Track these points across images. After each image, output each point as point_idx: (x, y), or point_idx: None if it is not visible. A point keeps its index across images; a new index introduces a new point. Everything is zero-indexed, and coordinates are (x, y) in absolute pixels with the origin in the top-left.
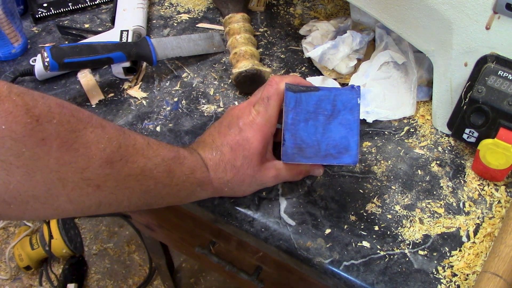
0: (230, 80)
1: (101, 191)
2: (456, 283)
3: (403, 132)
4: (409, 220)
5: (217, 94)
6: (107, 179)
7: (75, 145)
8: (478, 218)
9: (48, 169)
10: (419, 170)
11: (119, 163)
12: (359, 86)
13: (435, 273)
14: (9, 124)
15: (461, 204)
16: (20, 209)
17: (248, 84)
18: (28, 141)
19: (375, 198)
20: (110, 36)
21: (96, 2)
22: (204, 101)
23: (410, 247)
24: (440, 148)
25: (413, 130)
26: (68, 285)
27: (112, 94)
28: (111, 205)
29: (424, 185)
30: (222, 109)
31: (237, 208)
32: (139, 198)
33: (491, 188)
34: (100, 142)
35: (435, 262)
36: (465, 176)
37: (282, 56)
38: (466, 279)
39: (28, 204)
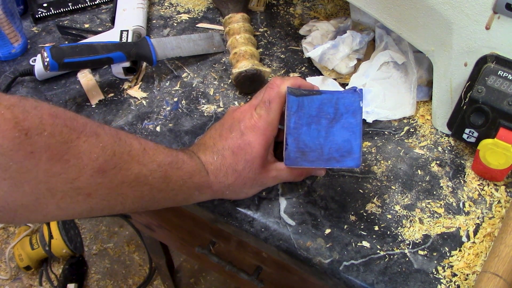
0: (230, 80)
1: (92, 198)
2: (456, 283)
3: (403, 132)
4: (409, 220)
5: (217, 94)
6: (98, 187)
7: (66, 156)
8: (478, 218)
9: (36, 180)
10: (419, 170)
11: (112, 171)
12: (361, 89)
13: (435, 273)
14: None
15: (461, 204)
16: (9, 216)
17: (248, 84)
18: (16, 155)
19: (375, 198)
20: (110, 36)
21: (96, 2)
22: (204, 101)
23: (410, 247)
24: (440, 148)
25: (413, 130)
26: (68, 285)
27: (112, 94)
28: (103, 210)
29: (424, 185)
30: (222, 109)
31: (237, 208)
32: (133, 203)
33: (491, 188)
34: (93, 151)
35: (435, 262)
36: (465, 176)
37: (282, 56)
38: (466, 279)
39: (17, 212)
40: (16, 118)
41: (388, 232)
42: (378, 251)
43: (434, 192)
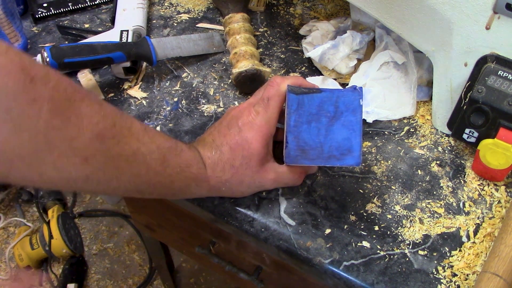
0: (230, 80)
1: (89, 164)
2: (456, 283)
3: (403, 132)
4: (409, 220)
5: (217, 94)
6: (96, 153)
7: (68, 112)
8: (478, 218)
9: (36, 130)
10: (419, 170)
11: (110, 141)
12: (361, 88)
13: (435, 273)
14: (1, 77)
15: (461, 204)
16: (5, 167)
17: (248, 84)
18: (19, 99)
19: (375, 198)
20: (110, 36)
21: (96, 2)
22: (204, 101)
23: (410, 247)
24: (440, 148)
25: (413, 130)
26: (68, 285)
27: (112, 94)
28: (99, 182)
29: (424, 185)
30: (222, 109)
31: (237, 208)
32: (129, 181)
33: (491, 188)
34: (94, 116)
35: (435, 262)
36: (465, 176)
37: (282, 56)
38: (466, 279)
39: (13, 163)
40: (23, 64)
41: (388, 232)
42: (378, 251)
43: (434, 192)
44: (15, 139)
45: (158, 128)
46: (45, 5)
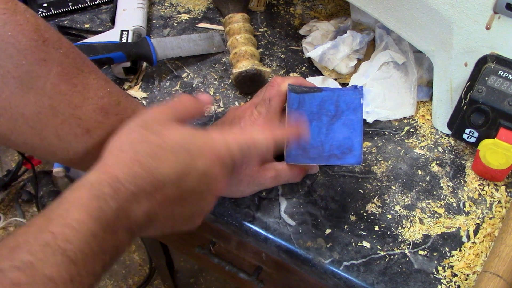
0: (230, 80)
1: (91, 137)
2: (456, 283)
3: (403, 132)
4: (409, 220)
5: (217, 94)
6: (98, 126)
7: (75, 80)
8: (478, 218)
9: (42, 91)
10: (419, 170)
11: (114, 117)
12: (362, 86)
13: (435, 273)
14: (15, 33)
15: (461, 204)
16: (8, 126)
17: (248, 84)
18: (29, 56)
19: (375, 198)
20: (110, 36)
21: (96, 2)
22: None
23: (410, 247)
24: (440, 148)
25: (413, 130)
26: None
27: None
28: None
29: (424, 185)
30: (222, 109)
31: (237, 208)
32: None
33: (491, 188)
34: (99, 90)
35: (435, 262)
36: (465, 176)
37: (282, 56)
38: (466, 279)
39: (17, 122)
40: (38, 25)
41: (388, 232)
42: (378, 251)
43: (434, 192)
44: (21, 96)
45: None
46: (45, 5)
